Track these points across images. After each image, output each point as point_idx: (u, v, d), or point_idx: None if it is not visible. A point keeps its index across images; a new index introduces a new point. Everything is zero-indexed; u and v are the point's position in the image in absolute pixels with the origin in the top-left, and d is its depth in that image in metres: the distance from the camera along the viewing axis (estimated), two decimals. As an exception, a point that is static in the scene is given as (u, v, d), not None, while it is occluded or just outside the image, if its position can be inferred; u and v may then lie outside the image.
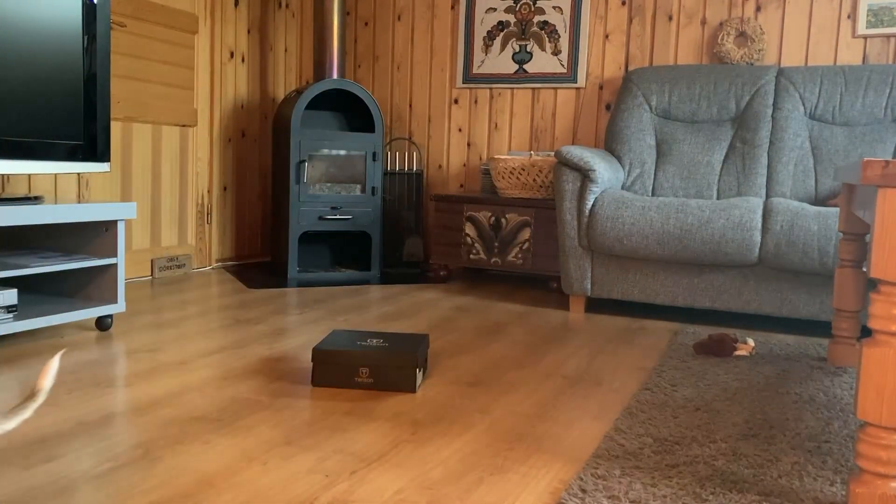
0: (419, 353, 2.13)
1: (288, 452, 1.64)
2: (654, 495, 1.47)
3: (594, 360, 2.52)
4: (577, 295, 3.35)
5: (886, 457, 1.38)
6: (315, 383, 2.13)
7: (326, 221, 4.05)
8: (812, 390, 2.24)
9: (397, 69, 4.64)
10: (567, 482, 1.54)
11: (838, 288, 2.52)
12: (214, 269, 4.18)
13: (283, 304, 3.30)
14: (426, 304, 3.41)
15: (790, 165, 3.45)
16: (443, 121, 4.53)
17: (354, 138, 4.12)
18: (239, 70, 4.32)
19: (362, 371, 2.11)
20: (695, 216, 3.03)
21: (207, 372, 2.22)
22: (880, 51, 3.60)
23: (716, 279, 3.08)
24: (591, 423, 1.90)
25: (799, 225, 2.89)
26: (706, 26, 3.91)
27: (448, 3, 4.47)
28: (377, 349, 2.12)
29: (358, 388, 2.11)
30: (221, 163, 4.25)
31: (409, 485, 1.50)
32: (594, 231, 3.17)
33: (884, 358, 1.36)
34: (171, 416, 1.83)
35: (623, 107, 3.79)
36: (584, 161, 3.22)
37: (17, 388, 2.02)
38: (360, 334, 2.29)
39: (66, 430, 1.71)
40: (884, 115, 3.39)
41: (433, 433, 1.79)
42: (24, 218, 2.38)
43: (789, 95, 3.53)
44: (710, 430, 1.86)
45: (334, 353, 2.11)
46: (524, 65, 4.29)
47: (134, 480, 1.47)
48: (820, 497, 1.50)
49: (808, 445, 1.77)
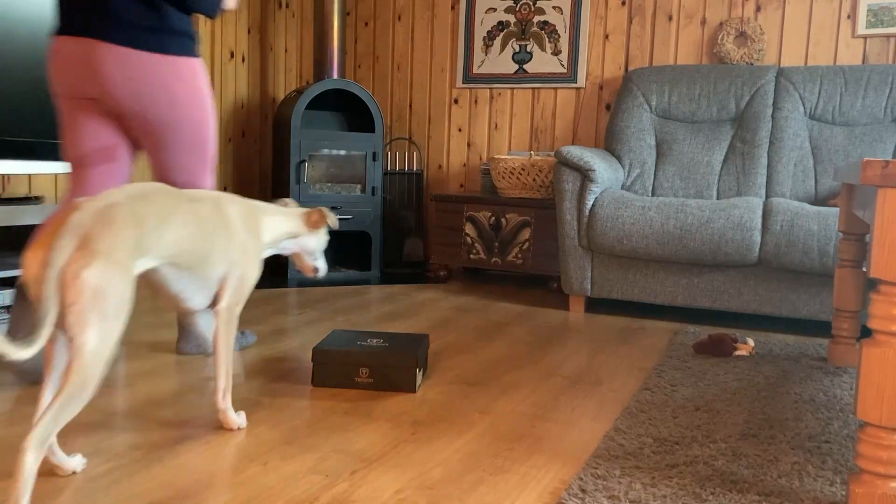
0: (419, 353, 2.13)
1: (288, 452, 1.64)
2: (654, 495, 1.47)
3: (594, 360, 2.52)
4: (577, 295, 3.35)
5: (886, 457, 1.38)
6: (315, 383, 2.13)
7: (326, 221, 4.04)
8: (812, 390, 2.24)
9: (397, 69, 4.65)
10: (567, 482, 1.54)
11: (838, 288, 2.52)
12: (214, 269, 4.18)
13: (283, 304, 3.30)
14: (426, 304, 3.41)
15: (790, 165, 3.45)
16: (443, 121, 4.53)
17: (354, 138, 4.12)
18: (239, 70, 4.32)
19: (362, 371, 2.10)
20: (695, 216, 3.03)
21: (208, 372, 2.22)
22: (880, 51, 3.60)
23: (716, 279, 3.08)
24: (591, 423, 1.90)
25: (799, 225, 2.89)
26: (706, 26, 3.91)
27: (448, 3, 4.47)
28: (377, 349, 2.12)
29: (358, 389, 2.11)
30: (221, 163, 4.25)
31: (409, 485, 1.50)
32: (594, 231, 3.17)
33: (884, 358, 1.36)
34: (171, 416, 1.83)
35: (623, 107, 3.79)
36: (584, 161, 3.22)
37: (17, 387, 2.02)
38: (360, 334, 2.29)
39: (66, 430, 1.71)
40: (884, 115, 3.39)
41: (433, 433, 1.79)
42: (24, 218, 2.38)
43: (789, 95, 3.53)
44: (710, 430, 1.86)
45: (334, 352, 2.11)
46: (524, 65, 4.29)
47: (134, 480, 1.47)
48: (820, 497, 1.50)
49: (808, 445, 1.77)
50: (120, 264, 1.34)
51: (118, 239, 1.34)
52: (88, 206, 1.36)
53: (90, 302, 1.30)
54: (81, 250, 1.30)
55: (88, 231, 1.32)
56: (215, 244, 1.65)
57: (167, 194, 1.54)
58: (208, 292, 1.70)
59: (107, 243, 1.32)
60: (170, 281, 1.59)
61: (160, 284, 1.59)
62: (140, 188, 1.49)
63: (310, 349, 2.53)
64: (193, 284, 1.64)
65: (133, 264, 1.39)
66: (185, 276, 1.60)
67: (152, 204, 1.47)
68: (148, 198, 1.47)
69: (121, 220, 1.36)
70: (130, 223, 1.38)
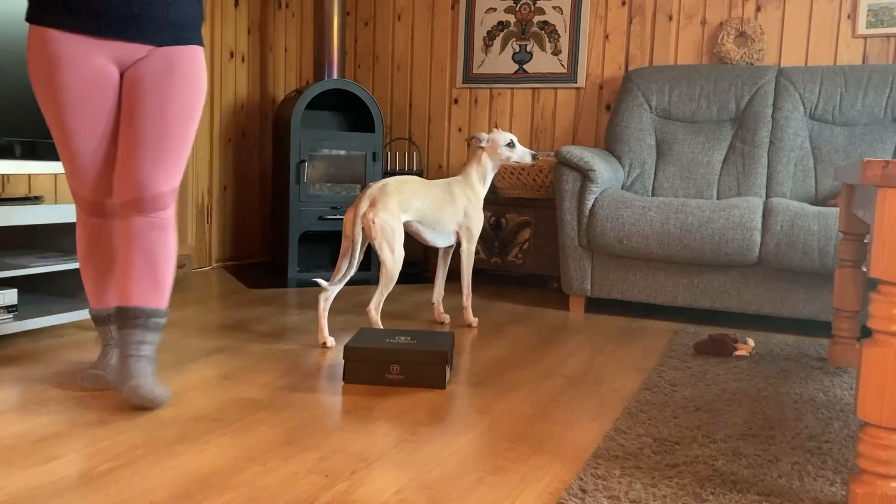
0: (449, 350, 2.17)
1: (288, 452, 1.64)
2: (654, 495, 1.47)
3: (594, 360, 2.52)
4: (577, 295, 3.35)
5: (886, 457, 1.38)
6: (347, 380, 2.15)
7: (326, 221, 4.05)
8: (812, 390, 2.24)
9: (397, 69, 4.64)
10: (567, 482, 1.54)
11: (838, 288, 2.52)
12: (214, 270, 4.18)
13: (283, 304, 3.30)
14: (426, 304, 3.41)
15: (790, 165, 3.45)
16: (443, 121, 4.53)
17: (354, 138, 4.12)
18: (239, 70, 4.32)
19: (393, 368, 2.14)
20: (695, 216, 3.02)
21: (207, 372, 2.22)
22: (880, 51, 3.60)
23: (716, 279, 3.08)
24: (591, 423, 1.90)
25: (799, 225, 2.89)
26: (706, 26, 3.91)
27: (448, 3, 4.47)
28: (409, 346, 2.16)
29: (388, 385, 2.14)
30: (221, 163, 4.25)
31: (409, 485, 1.50)
32: (594, 231, 3.17)
33: (884, 358, 1.36)
34: (171, 416, 1.83)
35: (623, 107, 3.79)
36: (584, 161, 3.22)
37: (17, 387, 2.02)
38: (388, 332, 2.32)
39: (66, 431, 1.71)
40: (884, 115, 3.39)
41: (433, 433, 1.79)
42: (24, 218, 2.38)
43: (789, 95, 3.53)
44: (710, 430, 1.86)
45: (367, 350, 2.14)
46: (524, 65, 4.29)
47: (134, 480, 1.47)
48: (820, 497, 1.50)
49: (808, 445, 1.77)
50: (392, 213, 2.59)
51: (389, 199, 2.60)
52: (374, 185, 2.65)
53: (380, 233, 2.57)
54: (372, 206, 2.58)
55: (375, 196, 2.60)
56: (444, 211, 2.83)
57: (415, 182, 2.75)
58: (447, 238, 2.89)
59: (383, 202, 2.59)
60: (421, 231, 2.82)
61: (416, 232, 2.82)
62: (400, 178, 2.72)
63: (309, 349, 2.53)
64: (433, 234, 2.85)
65: (399, 215, 2.64)
66: (428, 229, 2.82)
67: (408, 185, 2.71)
68: (405, 182, 2.71)
69: (390, 191, 2.62)
70: (395, 193, 2.63)
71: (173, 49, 1.93)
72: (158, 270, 1.93)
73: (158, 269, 1.93)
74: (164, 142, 1.92)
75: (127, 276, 1.92)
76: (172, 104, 1.92)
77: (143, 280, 1.91)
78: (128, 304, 1.90)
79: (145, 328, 1.90)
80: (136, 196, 1.90)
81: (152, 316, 1.91)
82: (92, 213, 2.02)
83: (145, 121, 1.90)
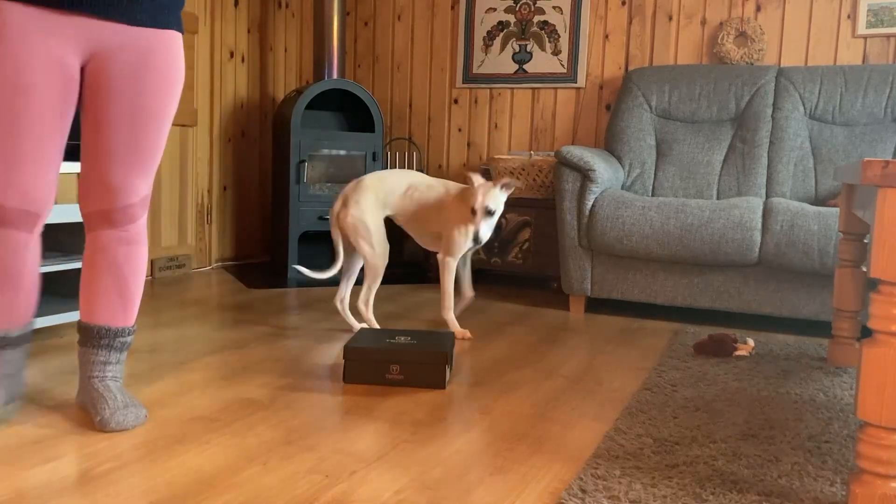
0: (448, 350, 2.17)
1: (288, 452, 1.64)
2: (654, 495, 1.47)
3: (594, 360, 2.52)
4: (577, 295, 3.35)
5: (886, 457, 1.38)
6: (347, 380, 2.15)
7: (326, 221, 4.04)
8: (812, 390, 2.24)
9: (397, 69, 4.64)
10: (567, 482, 1.54)
11: (838, 288, 2.52)
12: (214, 270, 4.18)
13: (283, 304, 3.30)
14: (426, 304, 3.41)
15: (790, 165, 3.45)
16: (443, 121, 4.53)
17: (354, 138, 4.12)
18: (239, 70, 4.32)
19: (393, 368, 2.14)
20: (695, 216, 3.02)
21: (207, 372, 2.22)
22: (880, 51, 3.60)
23: (716, 279, 3.08)
24: (591, 423, 1.90)
25: (799, 225, 2.89)
26: (706, 26, 3.91)
27: (448, 3, 4.47)
28: (409, 347, 2.16)
29: (388, 385, 2.14)
30: (221, 163, 4.25)
31: (409, 485, 1.50)
32: (594, 231, 3.17)
33: (884, 358, 1.36)
34: (171, 416, 1.83)
35: (623, 107, 3.79)
36: (584, 161, 3.22)
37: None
38: (387, 332, 2.32)
39: (66, 431, 1.71)
40: (884, 115, 3.39)
41: (433, 433, 1.79)
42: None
43: (789, 95, 3.53)
44: (710, 430, 1.86)
45: (367, 350, 2.14)
46: (524, 65, 4.29)
47: (134, 480, 1.47)
48: (820, 497, 1.50)
49: (808, 445, 1.77)
50: (364, 209, 2.64)
51: (361, 196, 2.66)
52: (352, 182, 2.71)
53: (353, 231, 2.66)
54: (345, 205, 2.67)
55: (347, 194, 2.68)
56: (427, 213, 2.72)
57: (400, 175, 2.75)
58: (429, 241, 2.80)
59: (354, 199, 2.66)
60: (404, 226, 2.79)
61: (403, 226, 2.80)
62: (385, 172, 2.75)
63: (309, 349, 2.53)
64: (415, 234, 2.80)
65: (375, 210, 2.67)
66: (409, 226, 2.78)
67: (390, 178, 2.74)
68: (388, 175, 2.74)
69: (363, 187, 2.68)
70: (370, 189, 2.68)
71: (149, 34, 1.69)
72: (127, 287, 1.78)
73: (127, 285, 1.78)
74: (139, 145, 1.72)
75: (92, 291, 1.77)
76: (147, 104, 1.70)
77: (109, 297, 1.77)
78: (92, 322, 1.78)
79: (110, 348, 1.78)
80: (107, 207, 1.74)
81: (118, 336, 1.79)
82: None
83: (119, 123, 1.70)
